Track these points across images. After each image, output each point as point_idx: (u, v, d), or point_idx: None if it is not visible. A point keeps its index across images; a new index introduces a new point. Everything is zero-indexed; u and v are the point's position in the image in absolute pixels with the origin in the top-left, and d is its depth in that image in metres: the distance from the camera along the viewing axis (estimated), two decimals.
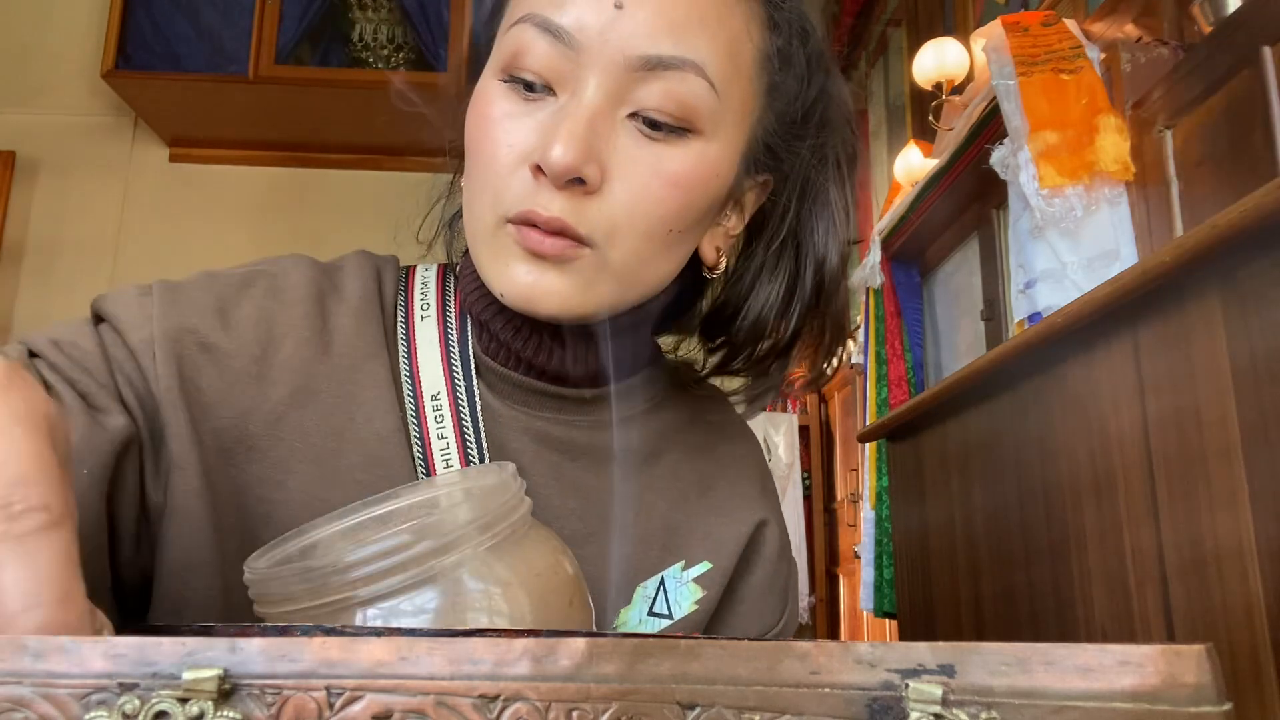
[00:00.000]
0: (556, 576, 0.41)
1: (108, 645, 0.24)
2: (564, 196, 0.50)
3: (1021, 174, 1.64)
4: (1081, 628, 1.07)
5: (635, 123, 0.51)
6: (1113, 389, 1.03)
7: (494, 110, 0.52)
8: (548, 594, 0.40)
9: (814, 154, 0.59)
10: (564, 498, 0.58)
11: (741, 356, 0.62)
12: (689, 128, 0.51)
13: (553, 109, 0.51)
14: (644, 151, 0.51)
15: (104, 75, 3.16)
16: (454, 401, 0.56)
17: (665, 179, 0.51)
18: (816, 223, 0.60)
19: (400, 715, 0.24)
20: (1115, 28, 1.78)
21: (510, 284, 0.52)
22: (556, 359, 0.57)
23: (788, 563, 0.67)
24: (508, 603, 0.38)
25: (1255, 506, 0.80)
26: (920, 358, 2.59)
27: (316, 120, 3.35)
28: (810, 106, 0.58)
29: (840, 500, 3.45)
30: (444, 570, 0.37)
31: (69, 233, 3.37)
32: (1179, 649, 0.24)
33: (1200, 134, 1.48)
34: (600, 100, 0.50)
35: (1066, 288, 1.58)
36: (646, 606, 0.58)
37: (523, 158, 0.50)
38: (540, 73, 0.50)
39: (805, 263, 0.60)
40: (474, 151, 0.53)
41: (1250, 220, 0.78)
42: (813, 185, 0.60)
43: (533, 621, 0.38)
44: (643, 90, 0.50)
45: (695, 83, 0.50)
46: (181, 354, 0.50)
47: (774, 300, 0.59)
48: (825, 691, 0.24)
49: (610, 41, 0.49)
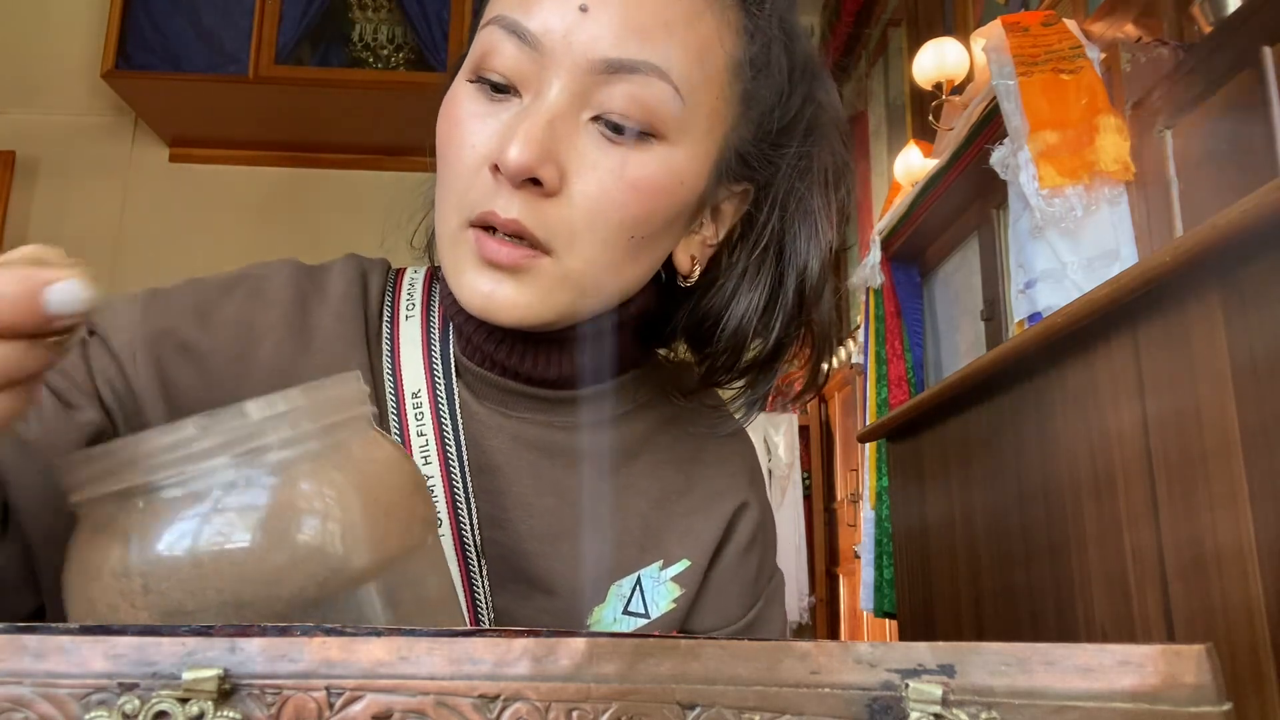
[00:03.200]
0: (398, 472, 0.39)
1: (108, 645, 0.24)
2: (522, 198, 0.49)
3: (1021, 174, 1.64)
4: (1081, 628, 1.07)
5: (598, 126, 0.50)
6: (1113, 389, 1.03)
7: (460, 111, 0.52)
8: (384, 489, 0.38)
9: (797, 162, 0.58)
10: (541, 496, 0.58)
11: (723, 367, 0.61)
12: (652, 132, 0.51)
13: (516, 110, 0.51)
14: (605, 155, 0.50)
15: (104, 75, 3.16)
16: (434, 400, 0.57)
17: (626, 183, 0.50)
18: (799, 230, 0.59)
19: (400, 715, 0.24)
20: (1115, 28, 1.78)
21: (469, 293, 0.52)
22: (530, 362, 0.57)
23: (760, 554, 0.65)
24: (339, 497, 0.36)
25: (1255, 506, 0.80)
26: (920, 358, 2.59)
27: (316, 120, 3.35)
28: (794, 115, 0.58)
29: (840, 500, 3.45)
30: (257, 454, 0.35)
31: (69, 233, 3.37)
32: (1179, 649, 0.24)
33: (1200, 134, 1.48)
34: (562, 102, 0.49)
35: (1066, 288, 1.58)
36: (621, 605, 0.59)
37: (484, 159, 0.50)
38: (506, 74, 0.51)
39: (787, 271, 0.59)
40: (441, 153, 0.54)
41: (1250, 220, 0.78)
42: (795, 194, 0.59)
43: (360, 505, 0.36)
44: (605, 93, 0.49)
45: (659, 87, 0.50)
46: (161, 354, 0.52)
47: (755, 309, 0.58)
48: (825, 691, 0.24)
49: (574, 44, 0.49)
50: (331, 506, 0.36)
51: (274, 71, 3.18)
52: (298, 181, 3.55)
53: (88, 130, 3.47)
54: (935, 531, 1.54)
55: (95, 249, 3.36)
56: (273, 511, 0.34)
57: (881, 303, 2.63)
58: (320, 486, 0.36)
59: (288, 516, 0.35)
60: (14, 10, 3.49)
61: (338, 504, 0.36)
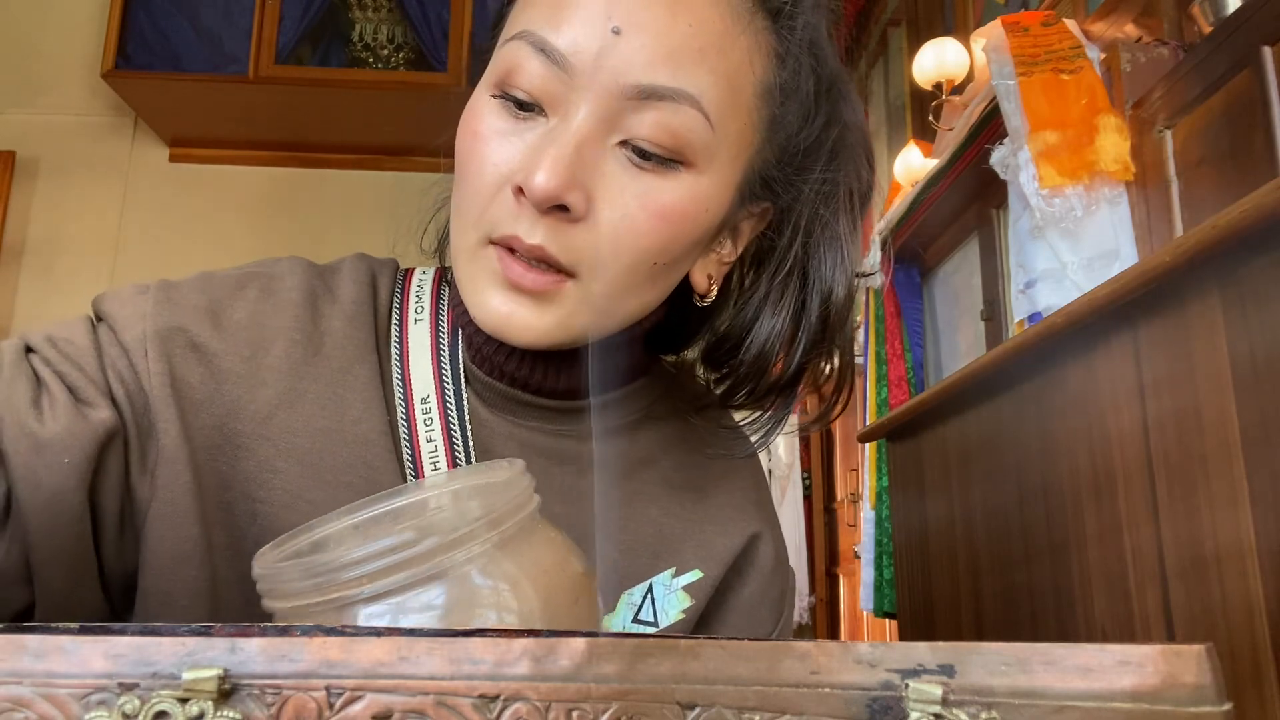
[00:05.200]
0: (564, 574, 0.41)
1: (108, 645, 0.24)
2: (546, 224, 0.49)
3: (1021, 174, 1.64)
4: (1081, 628, 1.07)
5: (625, 151, 0.49)
6: (1113, 389, 1.03)
7: (483, 126, 0.51)
8: (555, 591, 0.40)
9: (822, 185, 0.57)
10: (550, 503, 0.58)
11: (745, 389, 0.60)
12: (680, 159, 0.50)
13: (542, 130, 0.50)
14: (632, 181, 0.50)
15: (104, 75, 3.16)
16: (443, 406, 0.56)
17: (652, 211, 0.50)
18: (824, 254, 0.58)
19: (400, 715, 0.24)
20: (1115, 28, 1.78)
21: (486, 311, 0.51)
22: (539, 375, 0.57)
23: (783, 575, 0.66)
24: (516, 599, 0.38)
25: (1255, 506, 0.80)
26: (920, 358, 2.59)
27: (316, 120, 3.35)
28: (818, 137, 0.57)
29: (840, 500, 3.45)
30: (451, 567, 0.37)
31: (69, 233, 3.37)
32: (1179, 649, 0.24)
33: (1200, 134, 1.48)
34: (590, 126, 0.48)
35: (1066, 288, 1.58)
36: (631, 614, 0.58)
37: (506, 178, 0.50)
38: (532, 92, 0.50)
39: (811, 295, 0.58)
40: (461, 165, 0.53)
41: (1250, 220, 0.78)
42: (820, 218, 0.58)
43: (541, 618, 0.38)
44: (634, 119, 0.49)
45: (690, 115, 0.49)
46: (172, 352, 0.51)
47: (779, 332, 0.58)
48: (825, 691, 0.24)
49: (605, 67, 0.48)
50: (509, 601, 0.38)
51: (274, 71, 3.18)
52: (298, 181, 3.55)
53: (88, 130, 3.47)
54: (935, 531, 1.54)
55: (95, 249, 3.36)
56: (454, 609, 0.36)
57: (881, 302, 2.63)
58: (498, 583, 0.38)
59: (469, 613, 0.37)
60: (14, 10, 3.49)
61: (514, 598, 0.38)
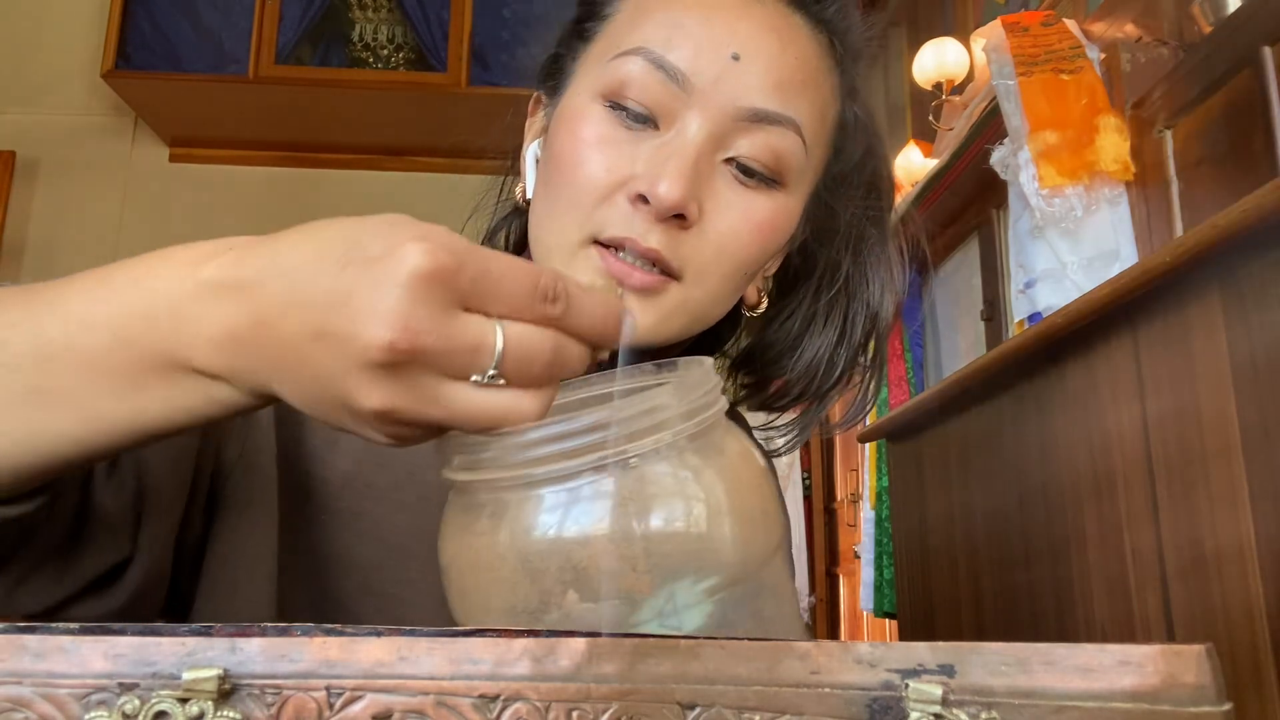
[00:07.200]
0: (749, 467, 0.40)
1: (108, 645, 0.24)
2: (662, 229, 0.52)
3: (1021, 174, 1.64)
4: (1081, 628, 1.07)
5: (730, 168, 0.54)
6: (1113, 389, 1.03)
7: (592, 133, 0.54)
8: (740, 483, 0.39)
9: (865, 211, 0.63)
10: None
11: (792, 395, 0.65)
12: (778, 179, 0.55)
13: (656, 142, 0.53)
14: (737, 196, 0.54)
15: (104, 75, 3.16)
16: None
17: (753, 225, 0.54)
18: (870, 275, 0.63)
19: (400, 715, 0.24)
20: (1115, 28, 1.78)
21: None
22: None
23: None
24: (701, 487, 0.37)
25: (1255, 506, 0.80)
26: (920, 358, 2.59)
27: (316, 120, 3.35)
28: (860, 165, 0.62)
29: (840, 500, 3.45)
30: (640, 454, 0.35)
31: (69, 233, 3.37)
32: (1179, 649, 0.24)
33: (1200, 134, 1.48)
34: (704, 141, 0.52)
35: (1066, 288, 1.58)
36: None
37: (620, 184, 0.52)
38: (648, 105, 0.53)
39: (856, 314, 0.63)
40: (562, 169, 0.55)
41: (1250, 220, 0.78)
42: (867, 239, 0.63)
43: (728, 508, 0.37)
44: (744, 139, 0.53)
45: (792, 140, 0.54)
46: None
47: (828, 347, 0.63)
48: (825, 691, 0.24)
49: (722, 90, 0.52)
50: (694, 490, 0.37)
51: (274, 71, 3.17)
52: (298, 181, 3.54)
53: (88, 130, 3.47)
54: (935, 531, 1.54)
55: (95, 249, 3.36)
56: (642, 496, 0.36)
57: None
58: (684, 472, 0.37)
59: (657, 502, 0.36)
60: (14, 10, 3.49)
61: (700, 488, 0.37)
